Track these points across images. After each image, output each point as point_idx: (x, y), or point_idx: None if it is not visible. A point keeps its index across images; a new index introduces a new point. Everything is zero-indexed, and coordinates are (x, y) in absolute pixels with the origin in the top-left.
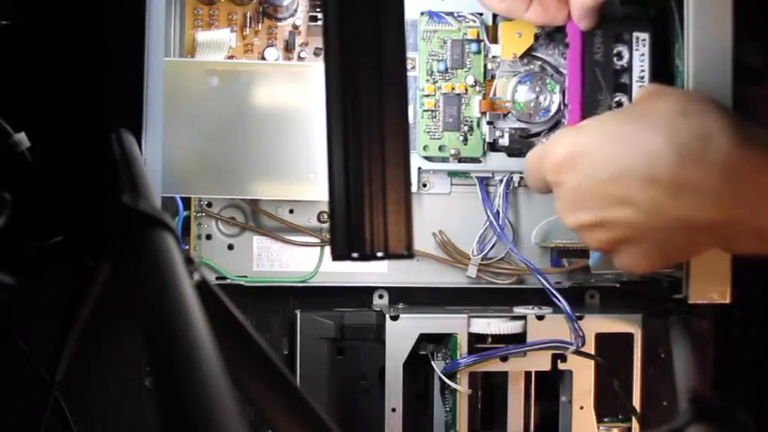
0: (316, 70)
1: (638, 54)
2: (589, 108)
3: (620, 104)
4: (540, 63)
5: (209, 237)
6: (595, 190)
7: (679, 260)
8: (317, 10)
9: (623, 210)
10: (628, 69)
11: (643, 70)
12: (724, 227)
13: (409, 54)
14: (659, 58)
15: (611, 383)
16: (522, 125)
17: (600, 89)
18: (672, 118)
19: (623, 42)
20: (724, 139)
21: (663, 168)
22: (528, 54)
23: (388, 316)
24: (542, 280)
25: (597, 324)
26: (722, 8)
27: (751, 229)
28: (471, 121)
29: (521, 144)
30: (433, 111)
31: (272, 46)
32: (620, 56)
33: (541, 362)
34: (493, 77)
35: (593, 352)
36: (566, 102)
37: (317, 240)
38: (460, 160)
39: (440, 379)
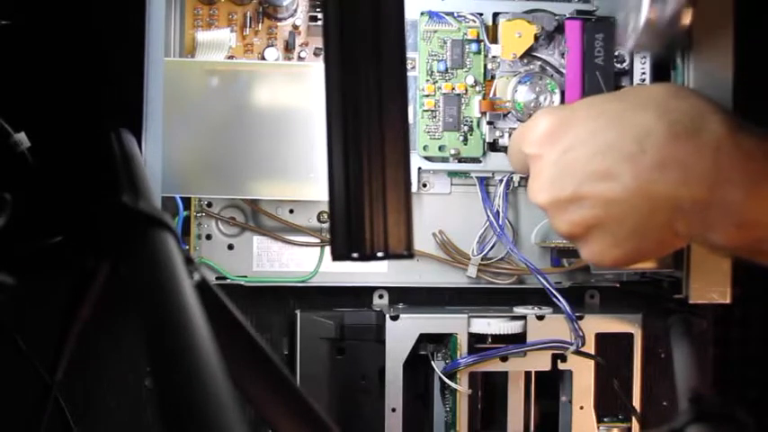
0: (316, 70)
1: (639, 57)
2: None
3: None
4: (540, 63)
5: (209, 237)
6: (576, 164)
7: (650, 254)
8: (317, 10)
9: (605, 184)
10: (628, 72)
11: (644, 73)
12: (705, 209)
13: (409, 54)
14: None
15: (611, 383)
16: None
17: (600, 93)
18: (664, 98)
19: None
20: (717, 121)
21: (652, 143)
22: (528, 54)
23: (388, 316)
24: (542, 280)
25: (597, 324)
26: (723, 7)
27: (732, 215)
28: (471, 121)
29: None
30: (433, 111)
31: (272, 46)
32: (620, 59)
33: (541, 362)
34: (493, 77)
35: (593, 352)
36: None
37: (317, 240)
38: (460, 160)
39: (440, 379)
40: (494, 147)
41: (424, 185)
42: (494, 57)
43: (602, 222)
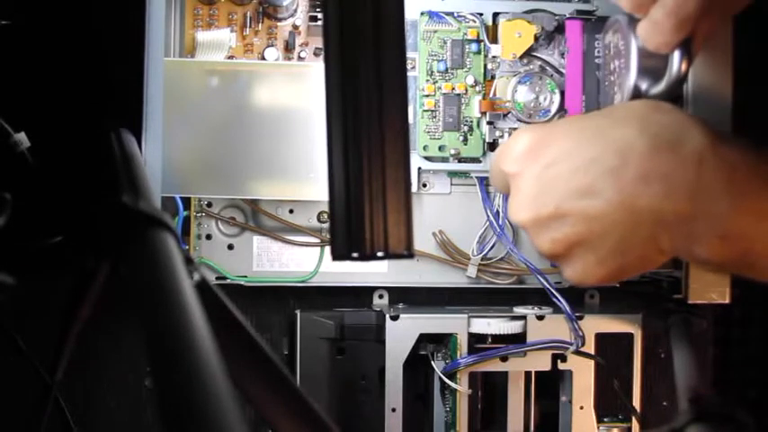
0: (316, 70)
1: None
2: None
3: None
4: (540, 63)
5: (209, 237)
6: (558, 180)
7: (634, 270)
8: (317, 10)
9: (587, 200)
10: None
11: None
12: (689, 221)
13: (409, 54)
14: None
15: (611, 383)
16: (522, 125)
17: (600, 92)
18: (645, 113)
19: None
20: (699, 134)
21: (634, 156)
22: (528, 54)
23: (388, 316)
24: (542, 280)
25: (597, 324)
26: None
27: (716, 227)
28: (471, 121)
29: None
30: (433, 111)
31: (272, 46)
32: None
33: (541, 362)
34: (493, 77)
35: (593, 352)
36: (565, 106)
37: (317, 240)
38: (460, 160)
39: (440, 379)
40: (494, 147)
41: (424, 185)
42: (494, 57)
43: (585, 239)
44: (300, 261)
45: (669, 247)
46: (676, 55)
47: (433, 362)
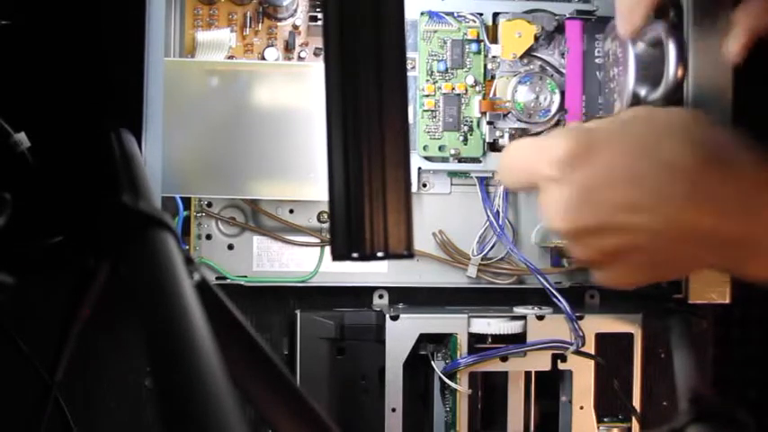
0: (316, 70)
1: None
2: (589, 113)
3: None
4: (540, 63)
5: (209, 237)
6: (602, 193)
7: (672, 278)
8: (317, 10)
9: (635, 217)
10: None
11: None
12: (740, 244)
13: (409, 54)
14: None
15: (611, 383)
16: (522, 125)
17: (600, 93)
18: (689, 126)
19: None
20: (745, 152)
21: (683, 173)
22: (528, 54)
23: (388, 316)
24: (542, 280)
25: (597, 324)
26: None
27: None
28: (471, 121)
29: None
30: (433, 111)
31: (272, 46)
32: None
33: (541, 362)
34: (493, 77)
35: (593, 352)
36: (565, 106)
37: (317, 240)
38: (460, 160)
39: (440, 379)
40: (494, 147)
41: (424, 185)
42: (494, 57)
43: (627, 252)
44: (300, 261)
45: (715, 263)
46: (672, 61)
47: (433, 362)
